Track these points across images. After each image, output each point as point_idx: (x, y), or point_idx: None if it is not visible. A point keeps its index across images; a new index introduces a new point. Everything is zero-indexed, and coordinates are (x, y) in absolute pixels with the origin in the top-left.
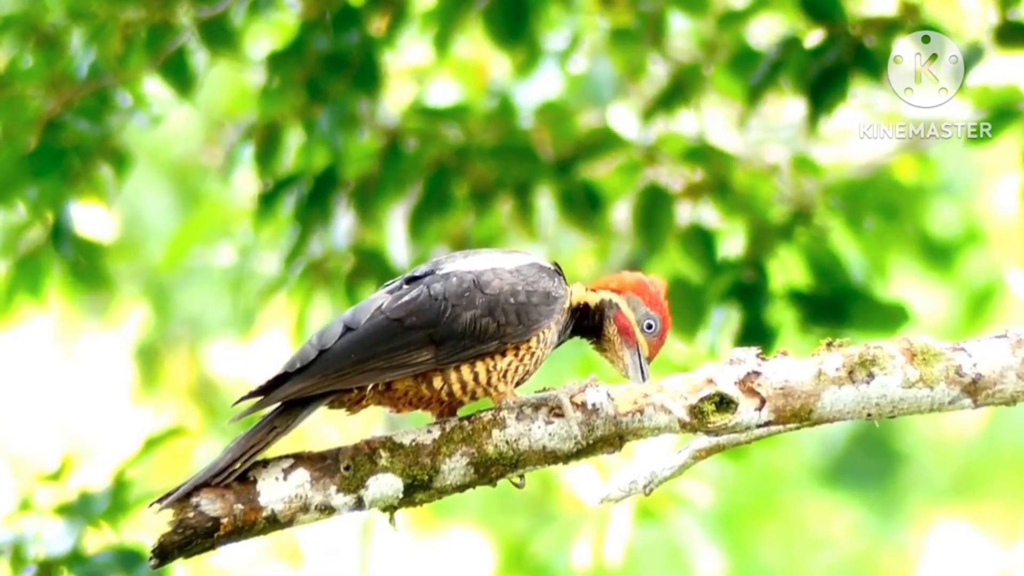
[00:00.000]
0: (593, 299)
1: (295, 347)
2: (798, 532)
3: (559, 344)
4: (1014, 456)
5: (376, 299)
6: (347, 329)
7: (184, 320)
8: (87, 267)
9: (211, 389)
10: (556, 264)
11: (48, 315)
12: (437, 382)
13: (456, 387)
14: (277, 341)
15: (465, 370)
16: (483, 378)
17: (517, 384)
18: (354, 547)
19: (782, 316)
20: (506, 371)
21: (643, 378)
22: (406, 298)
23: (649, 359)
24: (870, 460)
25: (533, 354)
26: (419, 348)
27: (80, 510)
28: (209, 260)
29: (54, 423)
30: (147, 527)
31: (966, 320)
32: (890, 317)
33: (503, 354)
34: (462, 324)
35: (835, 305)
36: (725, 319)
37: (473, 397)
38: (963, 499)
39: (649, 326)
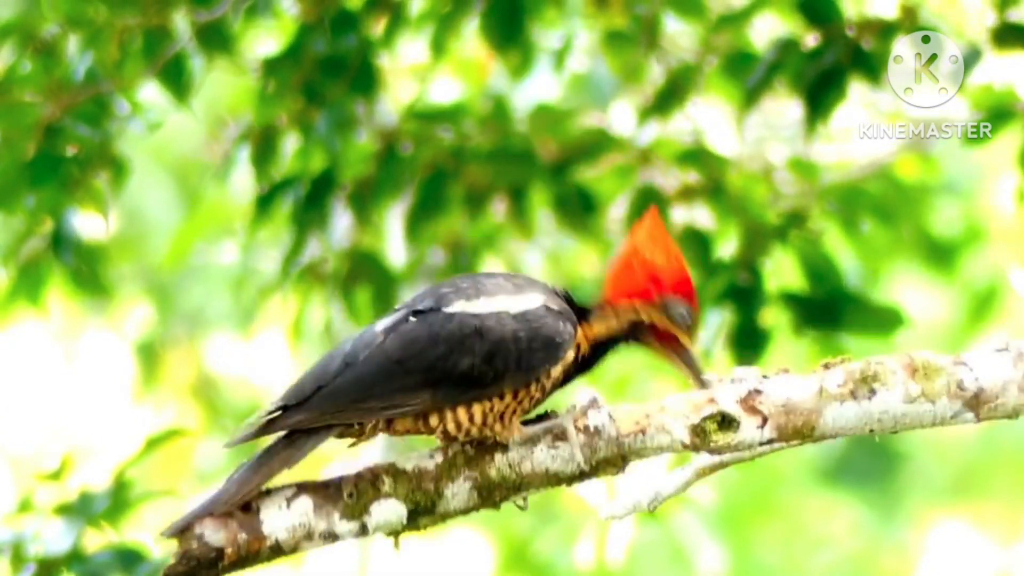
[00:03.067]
0: (615, 326)
1: (293, 350)
2: (798, 531)
3: (577, 375)
4: (1013, 456)
5: (375, 331)
6: (346, 364)
7: (185, 316)
8: (88, 274)
9: (212, 386)
10: (568, 296)
11: (48, 321)
12: (434, 421)
13: (451, 427)
14: (277, 340)
15: (461, 412)
16: (479, 419)
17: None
18: (354, 546)
19: (776, 319)
20: (503, 413)
21: (698, 376)
22: (407, 339)
23: (694, 340)
24: (870, 459)
25: (532, 397)
26: (416, 390)
27: (80, 509)
28: (211, 258)
29: (54, 422)
30: (148, 527)
31: (968, 322)
32: (885, 321)
33: (500, 397)
34: (460, 370)
35: (829, 308)
36: (719, 321)
37: (468, 435)
38: (963, 499)
39: (685, 321)
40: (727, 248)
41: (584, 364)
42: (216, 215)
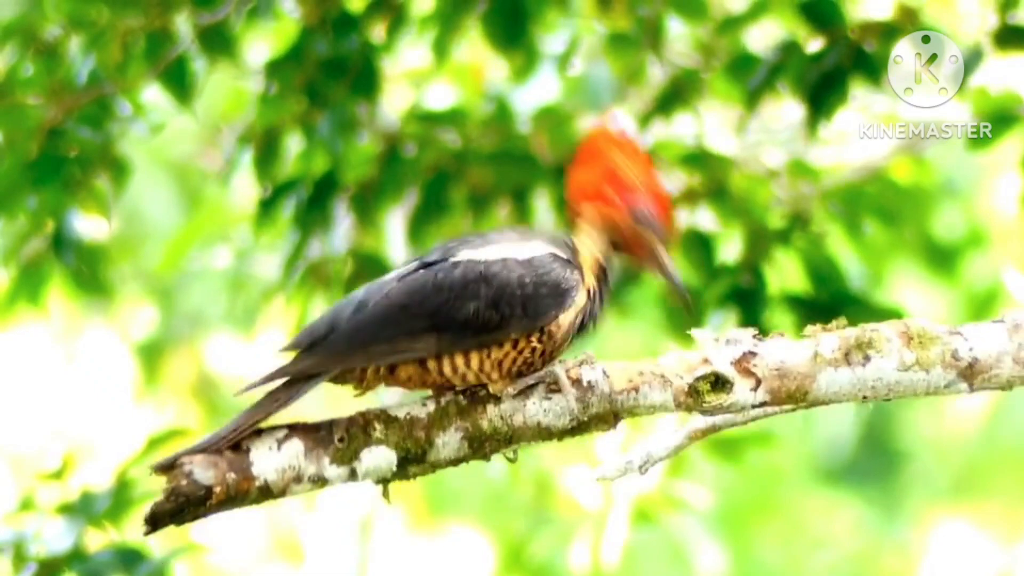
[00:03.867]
0: (599, 244)
1: None
2: (799, 531)
3: (590, 326)
4: (1015, 455)
5: (388, 281)
6: (357, 311)
7: (185, 316)
8: (88, 274)
9: (212, 386)
10: (572, 245)
11: (49, 321)
12: (431, 364)
13: (448, 370)
14: (278, 340)
15: (459, 358)
16: (476, 365)
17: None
18: (354, 545)
19: (779, 321)
20: (501, 361)
21: (677, 280)
22: (413, 285)
23: (666, 244)
24: (871, 459)
25: (534, 349)
26: (421, 335)
27: (81, 509)
28: (207, 263)
29: (55, 422)
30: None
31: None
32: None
33: (500, 344)
34: (465, 315)
35: (832, 310)
36: (722, 323)
37: (465, 381)
38: (964, 498)
39: (647, 221)
40: (730, 250)
41: (596, 309)
42: (213, 220)
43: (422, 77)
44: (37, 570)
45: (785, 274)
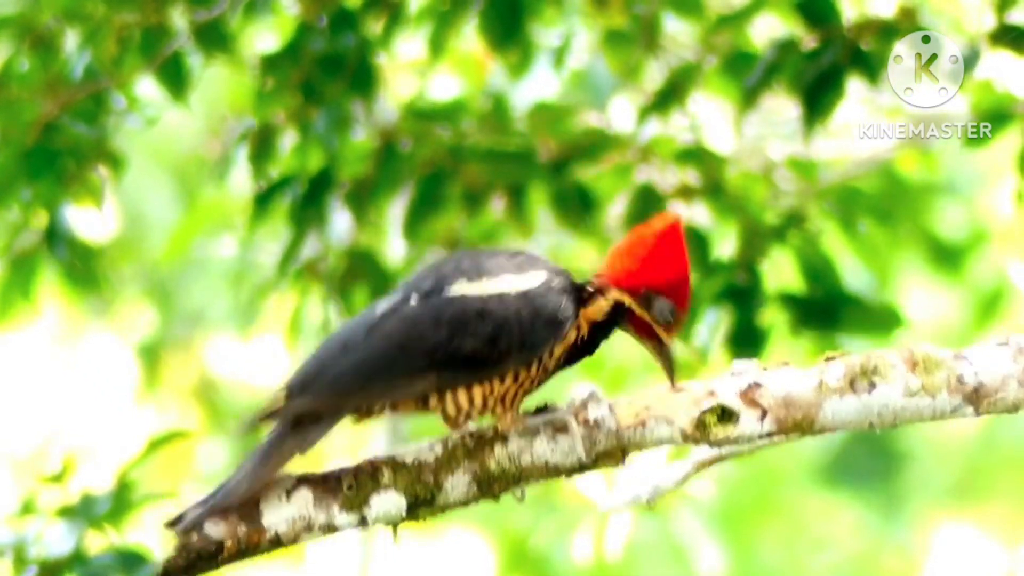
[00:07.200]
0: (603, 307)
1: (289, 348)
2: (799, 531)
3: (577, 358)
4: (1017, 457)
5: (375, 313)
6: (346, 347)
7: (186, 317)
8: (82, 270)
9: (213, 388)
10: (568, 276)
11: (41, 318)
12: (434, 403)
13: (451, 408)
14: (277, 341)
15: (462, 394)
16: (479, 402)
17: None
18: (355, 545)
19: (774, 319)
20: (503, 395)
21: (671, 373)
22: (408, 322)
23: (671, 338)
24: (871, 460)
25: (533, 378)
26: (419, 374)
27: (82, 512)
28: (210, 252)
29: (56, 424)
30: (149, 528)
31: (975, 322)
32: (883, 321)
33: (501, 379)
34: (464, 352)
35: (827, 308)
36: (717, 321)
37: (469, 418)
38: (966, 500)
39: (666, 319)
40: (725, 248)
41: (584, 347)
42: (215, 210)
43: (423, 69)
44: (38, 573)
45: (781, 272)
